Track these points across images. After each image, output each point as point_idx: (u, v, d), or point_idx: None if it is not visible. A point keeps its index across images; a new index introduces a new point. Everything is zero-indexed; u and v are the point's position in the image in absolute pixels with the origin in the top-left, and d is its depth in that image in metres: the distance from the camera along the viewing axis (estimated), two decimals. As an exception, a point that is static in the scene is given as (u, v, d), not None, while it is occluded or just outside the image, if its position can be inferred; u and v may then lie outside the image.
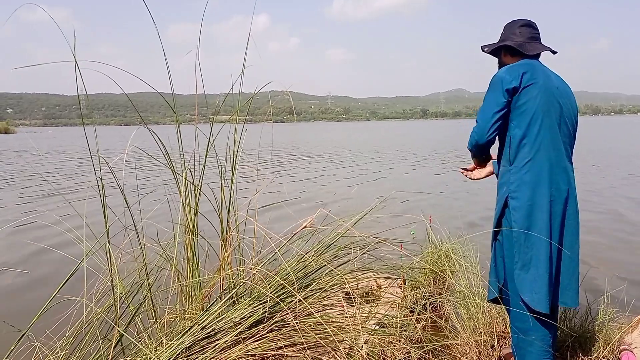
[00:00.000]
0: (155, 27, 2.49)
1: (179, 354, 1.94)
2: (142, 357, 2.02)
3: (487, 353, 2.94)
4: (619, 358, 2.84)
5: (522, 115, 2.45)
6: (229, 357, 1.93)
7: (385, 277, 3.45)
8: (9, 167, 19.16)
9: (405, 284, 3.66)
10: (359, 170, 16.11)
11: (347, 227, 2.41)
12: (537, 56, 2.67)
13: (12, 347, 1.97)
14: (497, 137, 2.62)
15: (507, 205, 2.51)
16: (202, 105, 2.83)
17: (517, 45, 2.66)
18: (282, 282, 2.16)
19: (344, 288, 2.43)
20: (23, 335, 1.99)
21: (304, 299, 2.15)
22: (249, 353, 1.98)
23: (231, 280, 2.47)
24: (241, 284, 2.36)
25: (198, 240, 2.60)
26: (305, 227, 2.51)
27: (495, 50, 2.82)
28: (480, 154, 2.76)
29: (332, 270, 2.36)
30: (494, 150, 2.76)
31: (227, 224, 2.64)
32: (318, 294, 2.30)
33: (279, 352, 2.04)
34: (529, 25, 2.70)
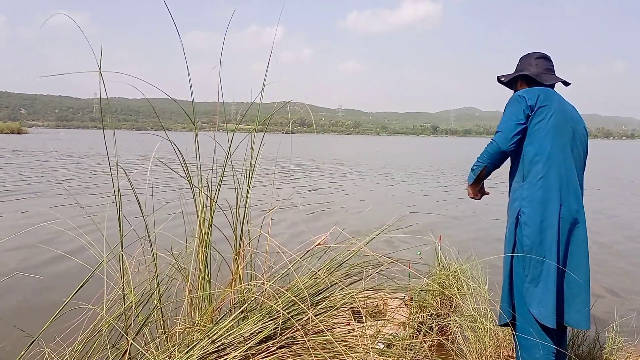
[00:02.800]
0: (178, 34, 2.54)
1: (188, 367, 1.95)
2: (150, 367, 2.02)
3: (494, 377, 2.92)
4: (627, 388, 2.81)
5: (536, 134, 2.55)
6: (238, 373, 1.93)
7: (393, 297, 3.44)
8: (23, 169, 19.30)
9: (412, 301, 3.65)
10: (376, 187, 16.08)
11: (361, 246, 2.42)
12: (552, 86, 2.79)
13: (22, 352, 1.99)
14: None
15: (519, 220, 2.58)
16: (215, 113, 2.86)
17: (535, 75, 2.79)
18: (293, 298, 2.16)
19: (353, 306, 2.43)
20: (34, 341, 2.01)
21: (315, 316, 2.15)
22: (258, 369, 1.99)
23: (242, 295, 2.47)
24: (252, 298, 2.36)
25: (211, 252, 2.61)
26: (318, 244, 2.52)
27: (511, 81, 2.93)
28: (494, 166, 2.72)
29: (344, 288, 2.37)
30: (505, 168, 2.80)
31: (241, 238, 2.66)
32: (329, 312, 2.30)
33: (287, 369, 2.04)
34: (545, 57, 2.85)
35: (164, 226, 2.60)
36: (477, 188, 2.87)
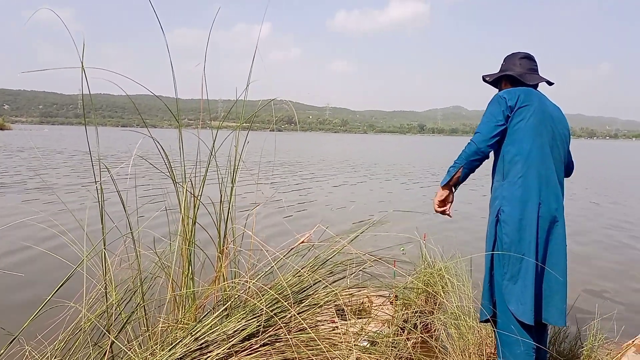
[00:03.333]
0: (162, 30, 2.51)
1: (170, 364, 1.94)
2: (132, 366, 2.01)
3: (477, 374, 2.95)
4: (607, 385, 2.85)
5: (516, 134, 2.60)
6: (220, 370, 1.93)
7: (378, 295, 3.46)
8: (7, 166, 19.05)
9: (397, 299, 3.67)
10: (360, 185, 16.12)
11: (344, 244, 2.43)
12: (535, 86, 2.84)
13: (2, 351, 1.97)
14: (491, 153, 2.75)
15: (499, 218, 2.62)
16: (203, 110, 2.85)
17: (518, 75, 2.83)
18: (276, 296, 2.16)
19: (337, 304, 2.44)
20: (14, 339, 1.99)
21: (298, 314, 2.16)
22: (241, 366, 1.98)
23: (226, 292, 2.47)
24: (236, 296, 2.36)
25: (194, 250, 2.60)
26: (302, 242, 2.52)
27: (496, 80, 2.98)
28: (472, 166, 2.70)
29: (327, 286, 2.37)
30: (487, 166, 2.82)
31: (225, 236, 2.65)
32: (312, 309, 2.31)
33: (270, 367, 2.04)
34: (529, 57, 2.89)
35: (147, 224, 2.58)
36: (447, 195, 2.79)
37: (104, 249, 2.23)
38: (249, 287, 2.30)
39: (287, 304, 2.16)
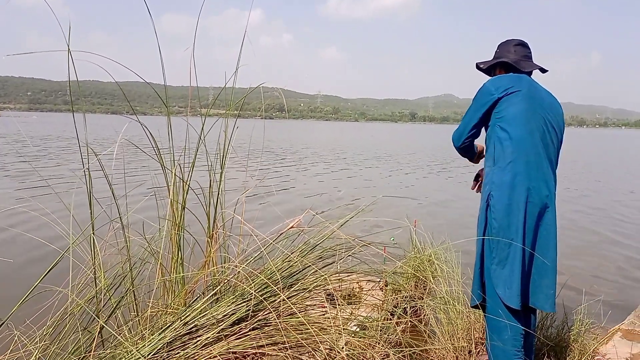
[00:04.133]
0: (150, 15, 2.48)
1: (160, 348, 1.94)
2: (122, 350, 2.01)
3: (464, 359, 2.97)
4: (593, 368, 2.89)
5: (505, 120, 2.59)
6: (210, 354, 1.93)
7: (367, 280, 3.47)
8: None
9: (387, 286, 3.69)
10: (350, 172, 16.14)
11: (334, 229, 2.43)
12: (529, 73, 2.82)
13: (-10, 335, 1.96)
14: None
15: (489, 204, 2.63)
16: (193, 97, 2.82)
17: (513, 62, 2.82)
18: (266, 280, 2.17)
19: (327, 289, 2.45)
20: (2, 323, 1.98)
21: (287, 298, 2.16)
22: (230, 350, 1.99)
23: (215, 277, 2.47)
24: (225, 281, 2.36)
25: (184, 235, 2.60)
26: (292, 227, 2.52)
27: (489, 68, 2.96)
28: (463, 154, 2.94)
29: (317, 271, 2.38)
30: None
31: (214, 221, 2.64)
32: (302, 294, 2.32)
33: (260, 351, 2.05)
34: (523, 44, 2.88)
35: (136, 209, 2.57)
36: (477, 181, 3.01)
37: (93, 234, 2.22)
38: (239, 271, 2.30)
39: (277, 288, 2.17)
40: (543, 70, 2.89)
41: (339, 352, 2.15)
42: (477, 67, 3.03)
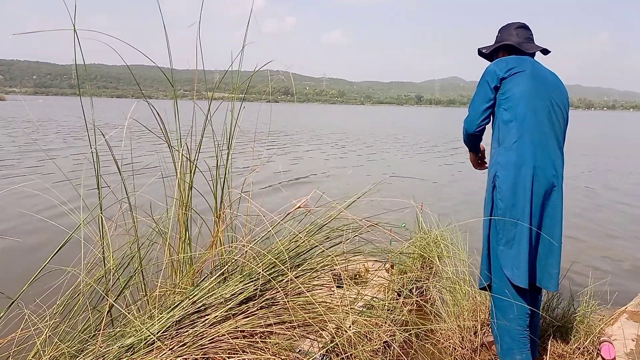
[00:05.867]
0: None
1: (169, 326, 1.96)
2: (131, 328, 2.03)
3: (470, 339, 2.99)
4: (598, 349, 2.90)
5: (509, 100, 2.58)
6: (218, 332, 1.95)
7: (374, 261, 3.49)
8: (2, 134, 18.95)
9: (393, 268, 3.70)
10: (355, 154, 16.13)
11: (340, 209, 2.43)
12: (533, 55, 2.83)
13: (2, 314, 1.98)
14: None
15: (495, 184, 2.63)
16: (198, 81, 2.82)
17: (517, 44, 2.81)
18: (274, 260, 2.18)
19: (333, 269, 2.46)
20: (13, 302, 2.00)
21: (295, 278, 2.17)
22: (238, 329, 2.01)
23: (223, 257, 2.48)
24: (233, 260, 2.37)
25: (191, 215, 2.61)
26: (299, 207, 2.52)
27: (492, 52, 2.95)
28: (472, 143, 2.92)
29: (324, 251, 2.39)
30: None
31: (222, 201, 2.65)
32: (309, 274, 2.33)
33: (267, 329, 2.07)
34: (524, 27, 2.88)
35: (144, 189, 2.58)
36: (475, 157, 3.07)
37: (101, 214, 2.23)
38: (246, 251, 2.31)
39: (285, 268, 2.18)
40: (545, 52, 2.88)
41: (346, 331, 2.16)
42: (479, 52, 3.03)
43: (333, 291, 2.41)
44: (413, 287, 3.43)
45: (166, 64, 2.58)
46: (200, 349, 1.89)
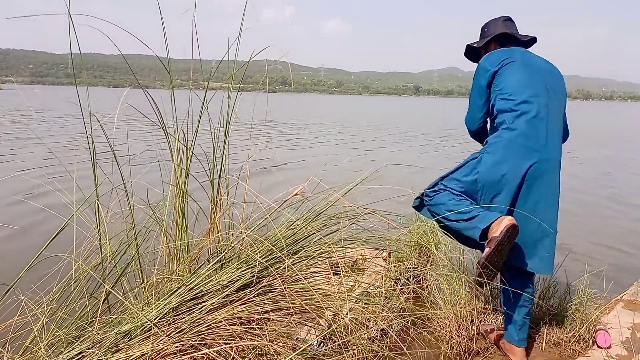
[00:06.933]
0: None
1: (166, 313, 1.96)
2: (128, 315, 2.03)
3: (467, 327, 3.00)
4: (594, 337, 2.91)
5: (504, 90, 2.58)
6: (215, 319, 1.95)
7: (371, 249, 3.49)
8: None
9: (390, 256, 3.71)
10: (352, 144, 16.12)
11: (338, 196, 2.43)
12: (524, 44, 2.86)
13: (-2, 301, 1.98)
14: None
15: (480, 159, 2.61)
16: (195, 70, 2.80)
17: (511, 33, 2.83)
18: (271, 247, 2.18)
19: (331, 257, 2.46)
20: (9, 289, 2.00)
21: (292, 265, 2.18)
22: (235, 315, 2.01)
23: (220, 244, 2.48)
24: (230, 247, 2.37)
25: (188, 202, 2.60)
26: (295, 194, 2.52)
27: (483, 46, 2.95)
28: (478, 138, 2.93)
29: (321, 238, 2.38)
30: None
31: (218, 188, 2.64)
32: (306, 261, 2.33)
33: (264, 316, 2.07)
34: (510, 20, 2.90)
35: (141, 176, 2.57)
36: None
37: (97, 200, 2.22)
38: (243, 238, 2.31)
39: (282, 254, 2.18)
40: (533, 41, 2.89)
41: (343, 318, 2.17)
42: (468, 49, 3.03)
43: (330, 278, 2.41)
44: (410, 276, 3.44)
45: (163, 53, 2.56)
46: (197, 335, 1.89)
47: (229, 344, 1.89)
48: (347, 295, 2.31)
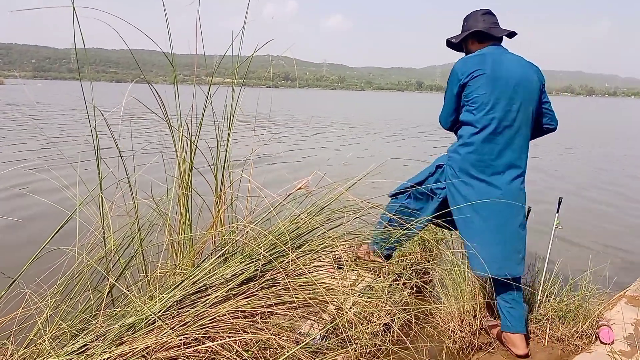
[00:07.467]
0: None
1: (170, 306, 1.97)
2: (132, 308, 2.04)
3: (469, 322, 3.00)
4: (597, 333, 2.91)
5: (471, 103, 2.71)
6: (219, 312, 1.95)
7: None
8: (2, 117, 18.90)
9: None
10: (356, 138, 16.11)
11: (342, 190, 2.43)
12: (500, 39, 2.91)
13: (3, 293, 1.99)
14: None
15: (443, 168, 2.86)
16: (198, 66, 2.80)
17: (486, 30, 2.86)
18: (275, 240, 2.18)
19: (334, 251, 2.46)
20: (13, 282, 2.00)
21: (296, 259, 2.18)
22: (239, 309, 2.01)
23: (224, 238, 2.48)
24: (234, 241, 2.37)
25: (192, 196, 2.60)
26: (299, 188, 2.52)
27: (461, 41, 3.02)
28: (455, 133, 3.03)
29: (325, 232, 2.38)
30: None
31: (222, 181, 2.64)
32: (309, 255, 2.33)
33: (268, 310, 2.07)
34: (490, 13, 2.94)
35: (144, 170, 2.57)
36: None
37: (101, 194, 2.22)
38: (247, 232, 2.31)
39: (286, 248, 2.18)
40: (512, 35, 2.91)
41: (346, 312, 2.17)
42: (448, 43, 3.11)
43: (334, 273, 2.41)
44: (413, 270, 3.43)
45: (166, 48, 2.56)
46: (201, 329, 1.89)
47: (233, 337, 1.90)
48: (351, 289, 2.31)
